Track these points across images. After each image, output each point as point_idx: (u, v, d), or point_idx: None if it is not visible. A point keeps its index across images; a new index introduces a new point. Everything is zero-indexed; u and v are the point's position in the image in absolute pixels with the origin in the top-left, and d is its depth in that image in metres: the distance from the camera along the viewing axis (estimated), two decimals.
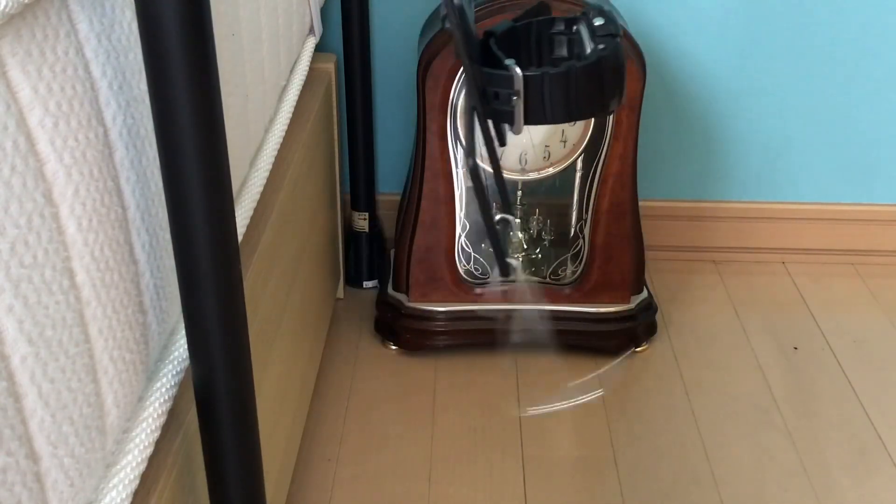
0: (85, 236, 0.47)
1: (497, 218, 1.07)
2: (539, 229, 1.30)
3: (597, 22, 0.91)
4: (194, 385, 0.58)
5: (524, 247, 1.27)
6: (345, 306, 1.41)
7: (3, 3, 0.39)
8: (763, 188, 1.51)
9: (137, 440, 0.54)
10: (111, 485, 0.51)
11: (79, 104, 0.47)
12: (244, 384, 0.59)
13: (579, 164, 1.23)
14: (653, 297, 1.33)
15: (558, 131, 1.21)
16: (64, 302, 0.45)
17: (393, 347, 1.31)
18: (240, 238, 0.74)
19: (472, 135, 0.91)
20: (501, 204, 1.19)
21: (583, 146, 1.21)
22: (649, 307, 1.31)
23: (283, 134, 0.95)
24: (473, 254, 1.26)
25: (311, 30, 1.18)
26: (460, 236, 1.25)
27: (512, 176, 1.24)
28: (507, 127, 0.93)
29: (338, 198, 1.35)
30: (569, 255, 1.28)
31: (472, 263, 1.27)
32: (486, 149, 0.96)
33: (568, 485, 1.09)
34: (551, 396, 1.23)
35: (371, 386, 1.25)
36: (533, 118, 0.89)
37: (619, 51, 0.88)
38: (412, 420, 1.19)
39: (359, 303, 1.42)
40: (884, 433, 1.17)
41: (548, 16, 1.00)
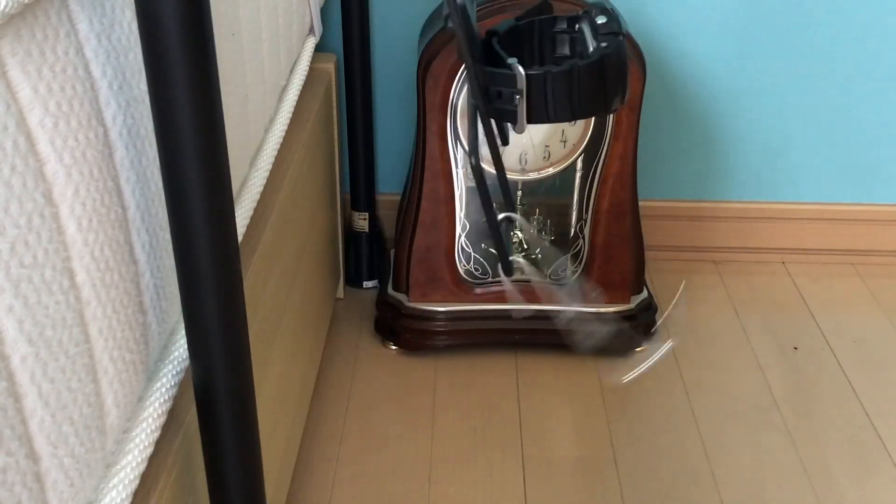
0: (85, 236, 0.47)
1: (500, 217, 1.07)
2: (539, 229, 1.29)
3: (599, 20, 0.91)
4: (194, 385, 0.58)
5: (524, 247, 1.27)
6: (345, 306, 1.41)
7: (3, 3, 0.39)
8: (763, 188, 1.51)
9: (137, 440, 0.54)
10: (111, 485, 0.51)
11: (79, 104, 0.47)
12: (244, 384, 0.59)
13: (579, 164, 1.23)
14: (653, 297, 1.33)
15: (558, 131, 1.20)
16: (64, 302, 0.45)
17: (393, 347, 1.31)
18: (240, 238, 0.74)
19: (475, 134, 0.91)
20: (504, 203, 1.19)
21: (583, 146, 1.21)
22: (649, 307, 1.31)
23: (283, 134, 0.95)
24: (473, 254, 1.26)
25: (311, 30, 1.18)
26: (460, 236, 1.25)
27: (512, 176, 1.24)
28: (510, 126, 0.93)
29: (338, 198, 1.35)
30: (569, 255, 1.27)
31: (472, 263, 1.26)
32: (489, 148, 0.96)
33: (568, 485, 1.09)
34: (629, 362, 1.26)
35: (371, 386, 1.25)
36: (536, 117, 0.89)
37: (622, 49, 0.88)
38: (412, 420, 1.19)
39: (359, 303, 1.42)
40: (884, 433, 1.17)
41: (550, 14, 1.00)
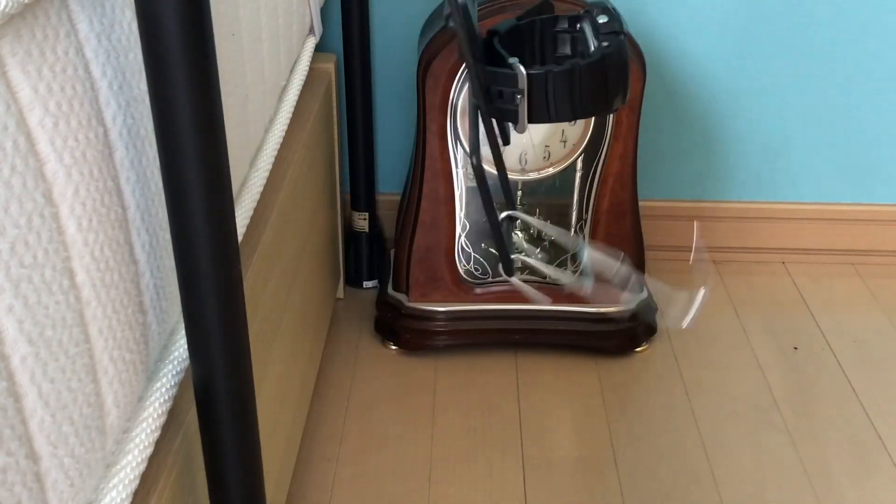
0: (85, 236, 0.47)
1: (502, 216, 1.07)
2: (539, 229, 1.29)
3: (601, 19, 0.91)
4: (194, 385, 0.58)
5: (525, 247, 1.27)
6: (345, 306, 1.41)
7: (3, 3, 0.39)
8: (763, 188, 1.51)
9: (137, 440, 0.54)
10: (111, 485, 0.51)
11: (79, 104, 0.47)
12: (244, 384, 0.59)
13: (579, 164, 1.23)
14: (653, 297, 1.33)
15: (558, 131, 1.20)
16: (64, 302, 0.45)
17: (393, 347, 1.31)
18: (240, 238, 0.74)
19: (476, 134, 0.91)
20: (505, 203, 1.19)
21: (583, 146, 1.21)
22: (649, 307, 1.31)
23: (283, 134, 0.95)
24: (473, 254, 1.26)
25: (311, 30, 1.18)
26: (460, 236, 1.25)
27: (512, 176, 1.24)
28: (511, 125, 0.93)
29: (338, 198, 1.35)
30: (569, 255, 1.27)
31: (472, 263, 1.26)
32: (490, 148, 0.96)
33: (568, 485, 1.09)
34: (686, 306, 1.22)
35: (371, 386, 1.25)
36: (537, 117, 0.89)
37: (623, 48, 0.88)
38: (412, 420, 1.19)
39: (359, 303, 1.42)
40: (884, 433, 1.17)
41: (551, 14, 1.00)
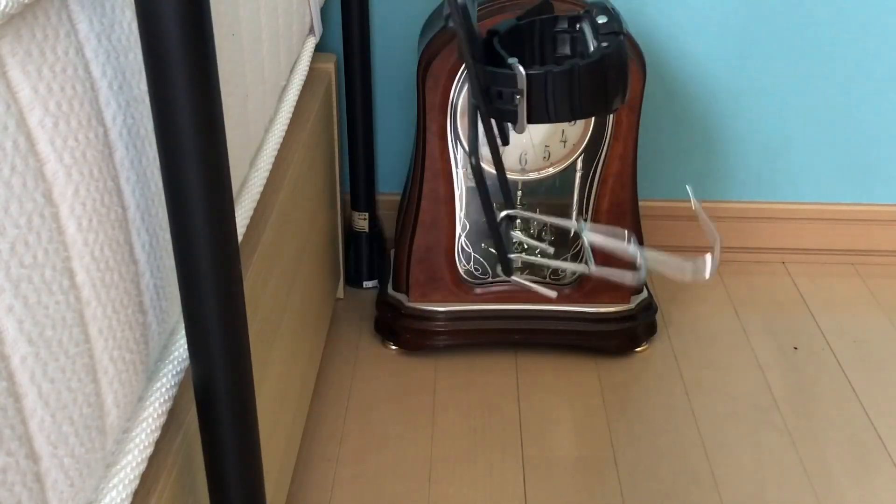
0: (85, 236, 0.47)
1: (501, 216, 1.07)
2: (539, 229, 1.29)
3: (600, 20, 0.91)
4: (194, 385, 0.58)
5: (525, 247, 1.27)
6: (345, 306, 1.41)
7: (3, 3, 0.39)
8: (763, 188, 1.51)
9: (137, 440, 0.54)
10: (111, 485, 0.51)
11: (79, 104, 0.47)
12: (244, 384, 0.59)
13: (579, 164, 1.23)
14: (653, 297, 1.33)
15: (558, 131, 1.20)
16: (64, 302, 0.45)
17: (393, 347, 1.31)
18: (240, 238, 0.74)
19: (475, 134, 0.91)
20: (504, 203, 1.19)
21: (583, 146, 1.21)
22: (649, 307, 1.31)
23: (283, 134, 0.95)
24: (473, 254, 1.26)
25: (311, 30, 1.18)
26: (460, 236, 1.25)
27: (512, 176, 1.24)
28: (510, 126, 0.92)
29: (338, 198, 1.35)
30: (569, 255, 1.27)
31: (472, 263, 1.26)
32: (490, 148, 0.96)
33: (568, 485, 1.09)
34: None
35: (371, 386, 1.25)
36: (536, 117, 0.89)
37: (623, 48, 0.88)
38: (412, 420, 1.19)
39: (359, 303, 1.42)
40: (884, 433, 1.17)
41: (551, 14, 1.00)
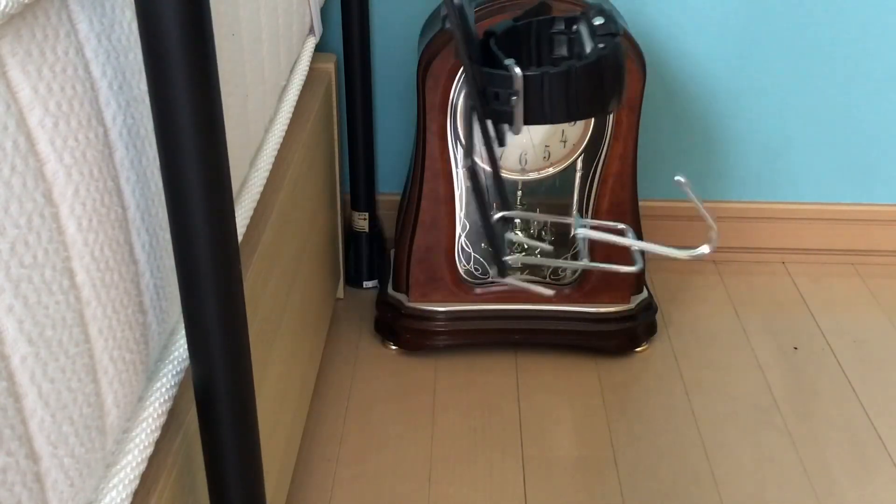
0: (85, 236, 0.47)
1: (497, 217, 1.07)
2: (539, 229, 1.30)
3: (597, 21, 0.91)
4: (194, 385, 0.58)
5: (525, 247, 1.27)
6: (345, 306, 1.41)
7: (3, 3, 0.39)
8: (763, 188, 1.51)
9: (137, 440, 0.54)
10: (111, 485, 0.51)
11: (79, 104, 0.47)
12: (244, 384, 0.59)
13: (579, 164, 1.23)
14: (653, 297, 1.33)
15: (558, 131, 1.21)
16: (64, 302, 0.45)
17: (393, 347, 1.31)
18: (240, 238, 0.74)
19: (472, 135, 0.91)
20: (500, 204, 1.19)
21: (583, 146, 1.21)
22: (649, 307, 1.31)
23: (283, 134, 0.95)
24: (473, 254, 1.26)
25: (311, 30, 1.18)
26: (460, 236, 1.25)
27: (512, 176, 1.24)
28: (507, 127, 0.93)
29: (338, 198, 1.35)
30: (569, 255, 1.27)
31: (472, 263, 1.26)
32: (486, 149, 0.96)
33: (568, 485, 1.09)
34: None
35: (371, 386, 1.25)
36: (532, 118, 0.89)
37: (619, 50, 0.88)
38: (412, 420, 1.19)
39: (359, 303, 1.42)
40: (884, 433, 1.17)
41: (548, 15, 1.00)
